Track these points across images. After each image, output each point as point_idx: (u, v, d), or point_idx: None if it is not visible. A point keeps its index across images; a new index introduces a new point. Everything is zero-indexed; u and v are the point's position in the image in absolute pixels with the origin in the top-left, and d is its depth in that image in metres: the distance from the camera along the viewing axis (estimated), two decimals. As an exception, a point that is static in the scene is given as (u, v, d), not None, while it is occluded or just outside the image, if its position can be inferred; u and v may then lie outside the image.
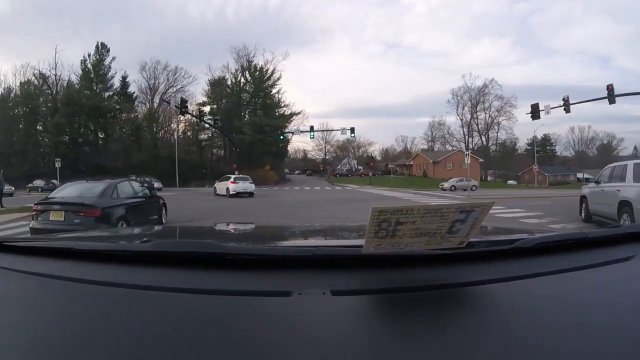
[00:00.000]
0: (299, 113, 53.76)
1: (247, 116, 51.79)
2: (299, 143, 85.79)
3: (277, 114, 51.50)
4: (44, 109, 47.17)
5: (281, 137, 44.48)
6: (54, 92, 46.87)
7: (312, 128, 36.83)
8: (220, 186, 23.26)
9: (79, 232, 2.71)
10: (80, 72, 47.20)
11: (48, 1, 73.44)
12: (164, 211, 9.29)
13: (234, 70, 52.22)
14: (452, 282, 0.77)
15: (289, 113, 52.74)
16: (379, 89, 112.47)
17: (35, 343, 0.59)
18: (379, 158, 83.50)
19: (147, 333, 0.60)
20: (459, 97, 66.04)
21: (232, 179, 22.30)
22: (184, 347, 0.55)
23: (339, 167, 74.52)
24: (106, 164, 40.45)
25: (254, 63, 52.05)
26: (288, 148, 58.37)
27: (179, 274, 0.81)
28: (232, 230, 1.99)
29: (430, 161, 60.86)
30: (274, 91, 52.79)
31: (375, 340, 0.57)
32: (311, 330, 0.60)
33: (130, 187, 8.14)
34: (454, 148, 65.33)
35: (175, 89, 48.41)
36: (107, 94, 48.71)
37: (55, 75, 47.37)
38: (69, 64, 60.76)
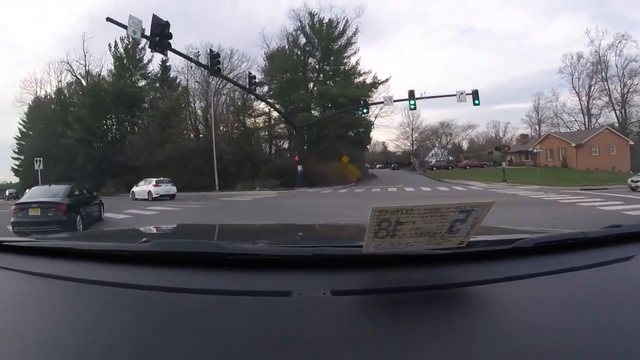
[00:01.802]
0: (386, 81, 37.78)
1: (314, 87, 37.22)
2: (380, 133, 70.64)
3: (354, 82, 37.24)
4: (73, 108, 39.28)
5: (364, 110, 30.39)
6: (86, 85, 39.20)
7: (412, 93, 25.20)
8: (141, 190, 22.44)
9: (79, 233, 2.68)
10: (112, 58, 38.71)
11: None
12: (102, 208, 12.06)
13: (293, 32, 37.30)
14: (452, 282, 0.77)
15: (370, 82, 37.27)
16: (453, 75, 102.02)
17: (35, 343, 0.59)
18: (465, 146, 70.62)
19: (147, 333, 0.61)
20: (574, 65, 49.34)
21: (154, 182, 21.95)
22: (184, 347, 0.55)
23: (426, 158, 60.78)
24: (129, 162, 32.03)
25: (318, 16, 36.81)
26: (370, 135, 41.52)
27: (178, 274, 0.82)
28: (232, 230, 1.98)
29: (573, 144, 42.10)
30: (348, 52, 37.56)
31: (375, 340, 0.57)
32: (311, 330, 0.60)
33: (80, 189, 10.97)
34: (575, 129, 48.84)
35: (234, 74, 34.05)
36: (142, 81, 39.74)
37: (85, 66, 39.72)
38: (100, 51, 56.35)
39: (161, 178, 22.48)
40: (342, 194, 21.91)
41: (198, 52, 21.14)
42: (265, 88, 35.90)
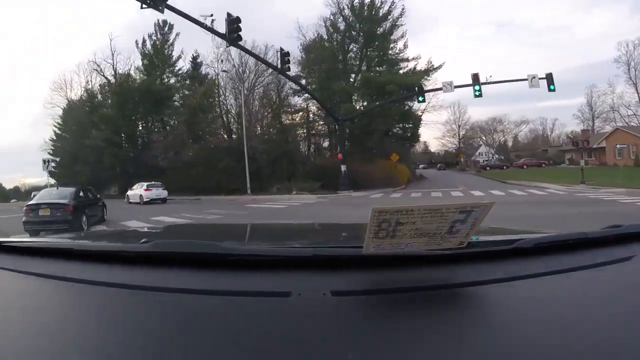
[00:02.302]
0: (440, 67, 31.34)
1: (357, 77, 31.99)
2: (423, 129, 59.64)
3: (400, 70, 31.95)
4: (103, 108, 36.43)
5: (420, 98, 24.57)
6: (113, 85, 36.58)
7: (476, 77, 21.38)
8: (134, 193, 22.88)
9: (79, 233, 2.71)
10: (140, 56, 36.26)
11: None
12: (105, 210, 13.12)
13: (331, 16, 32.15)
14: (452, 283, 0.77)
15: (423, 68, 31.25)
16: (490, 71, 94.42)
17: (35, 343, 0.59)
18: (510, 145, 64.65)
19: (147, 333, 0.61)
20: (630, 54, 43.19)
21: (145, 187, 22.37)
22: (184, 348, 0.55)
23: (472, 157, 57.22)
24: (156, 163, 29.77)
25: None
26: (419, 131, 35.30)
27: (178, 274, 0.82)
28: (232, 230, 1.98)
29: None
30: (394, 36, 31.98)
31: (375, 341, 0.57)
32: (311, 330, 0.60)
33: (85, 192, 11.84)
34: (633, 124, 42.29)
35: (268, 73, 30.37)
36: (172, 79, 36.96)
37: (113, 65, 37.10)
38: (128, 49, 51.95)
39: (152, 182, 22.87)
40: (397, 200, 18.63)
41: (212, 16, 16.05)
42: (302, 82, 30.95)
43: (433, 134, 58.14)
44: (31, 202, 10.50)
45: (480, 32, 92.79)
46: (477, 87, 21.78)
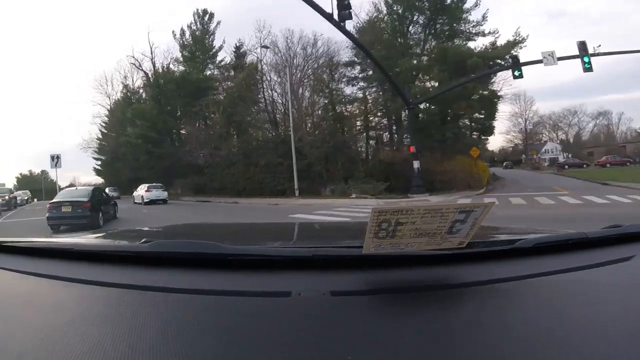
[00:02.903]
0: (524, 40, 24.05)
1: (423, 52, 26.12)
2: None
3: (480, 42, 25.47)
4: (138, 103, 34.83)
5: (516, 72, 17.83)
6: (150, 76, 34.76)
7: (583, 46, 16.46)
8: (137, 194, 23.66)
9: (79, 233, 2.73)
10: (179, 48, 33.64)
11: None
12: (116, 208, 14.05)
13: None
14: (452, 283, 0.77)
15: (502, 44, 24.43)
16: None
17: (35, 343, 0.59)
18: (570, 140, 58.84)
19: (146, 333, 0.61)
20: None
21: (145, 188, 23.12)
22: (184, 348, 0.56)
23: (537, 155, 50.34)
24: (193, 160, 27.36)
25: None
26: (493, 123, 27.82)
27: (178, 275, 0.82)
28: (232, 231, 1.98)
29: None
30: (467, 6, 25.05)
31: (375, 341, 0.57)
32: (311, 330, 0.60)
33: (100, 192, 13.22)
34: None
35: (318, 64, 26.37)
36: (214, 70, 33.84)
37: (152, 58, 34.72)
38: (167, 43, 51.56)
39: (153, 184, 23.71)
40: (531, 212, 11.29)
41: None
42: (357, 69, 26.98)
43: (497, 128, 47.64)
44: (54, 200, 11.46)
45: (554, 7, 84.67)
46: (586, 59, 16.57)
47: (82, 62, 71.07)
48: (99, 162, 43.21)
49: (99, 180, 43.99)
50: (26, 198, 30.82)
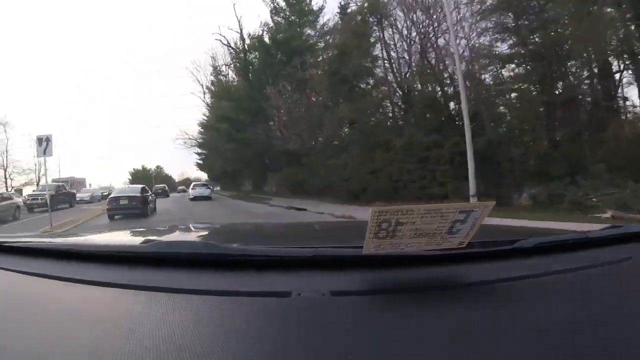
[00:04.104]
0: None
1: None
2: None
3: None
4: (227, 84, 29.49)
5: None
6: (238, 50, 29.20)
7: None
8: (189, 192, 26.96)
9: (79, 233, 2.64)
10: (269, 15, 26.63)
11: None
12: (156, 202, 17.38)
13: None
14: (452, 283, 0.77)
15: None
16: None
17: (35, 343, 0.59)
18: None
19: (146, 334, 0.61)
20: None
21: (192, 186, 27.00)
22: (184, 348, 0.56)
23: None
24: (285, 147, 20.56)
25: None
26: None
27: (178, 275, 0.82)
28: (232, 230, 1.98)
29: None
30: None
31: (375, 341, 0.57)
32: (311, 330, 0.60)
33: (146, 189, 15.83)
34: None
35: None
36: (313, 36, 26.77)
37: (240, 32, 28.75)
38: (256, 12, 48.59)
39: (198, 182, 27.25)
40: None
41: None
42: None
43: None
44: (112, 195, 14.58)
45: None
46: None
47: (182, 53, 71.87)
48: (202, 156, 40.27)
49: (203, 175, 43.66)
50: (105, 193, 28.56)
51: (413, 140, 12.73)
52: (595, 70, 12.26)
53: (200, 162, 42.42)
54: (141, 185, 16.02)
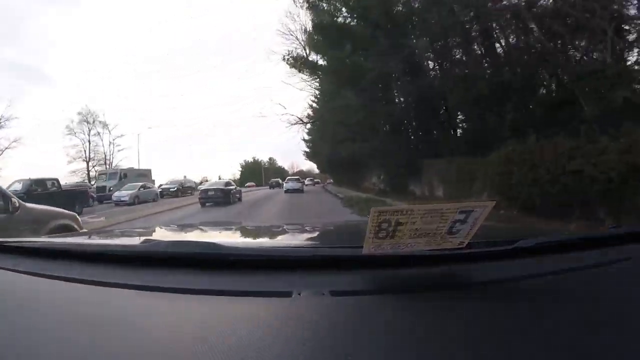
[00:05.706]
0: None
1: None
2: None
3: None
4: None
5: None
6: None
7: None
8: (284, 185, 31.53)
9: (79, 233, 2.74)
10: None
11: None
12: (239, 195, 20.09)
13: None
14: (452, 283, 0.77)
15: None
16: None
17: (35, 343, 0.59)
18: None
19: (146, 334, 0.61)
20: None
21: (286, 180, 31.73)
22: (184, 348, 0.56)
23: None
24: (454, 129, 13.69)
25: None
26: None
27: (178, 275, 0.82)
28: (233, 230, 1.99)
29: None
30: None
31: (375, 341, 0.57)
32: (311, 330, 0.60)
33: (230, 183, 19.88)
34: None
35: None
36: None
37: None
38: None
39: (292, 177, 30.95)
40: None
41: None
42: None
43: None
44: (204, 188, 18.70)
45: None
46: None
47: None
48: (309, 145, 35.41)
49: (312, 166, 41.23)
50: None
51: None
52: None
53: (308, 150, 37.92)
54: (225, 180, 20.68)
